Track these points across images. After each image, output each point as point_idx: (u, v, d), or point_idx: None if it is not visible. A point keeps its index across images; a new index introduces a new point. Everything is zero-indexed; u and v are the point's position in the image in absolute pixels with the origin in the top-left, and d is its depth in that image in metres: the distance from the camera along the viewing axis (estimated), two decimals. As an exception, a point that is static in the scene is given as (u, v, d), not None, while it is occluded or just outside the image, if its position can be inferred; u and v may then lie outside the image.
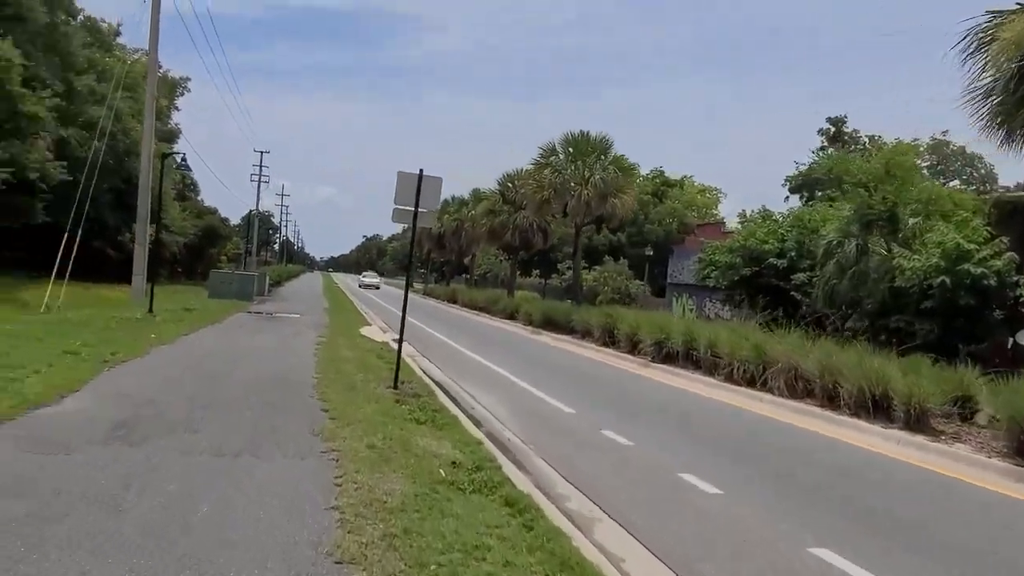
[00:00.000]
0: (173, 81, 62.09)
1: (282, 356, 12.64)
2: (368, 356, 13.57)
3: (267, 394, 8.77)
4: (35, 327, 13.50)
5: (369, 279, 73.21)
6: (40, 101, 28.51)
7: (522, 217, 34.15)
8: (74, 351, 10.66)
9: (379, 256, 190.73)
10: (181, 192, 58.66)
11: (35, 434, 6.08)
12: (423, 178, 10.06)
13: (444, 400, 9.84)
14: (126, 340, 12.73)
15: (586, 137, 25.82)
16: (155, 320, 17.44)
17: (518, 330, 26.24)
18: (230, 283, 29.59)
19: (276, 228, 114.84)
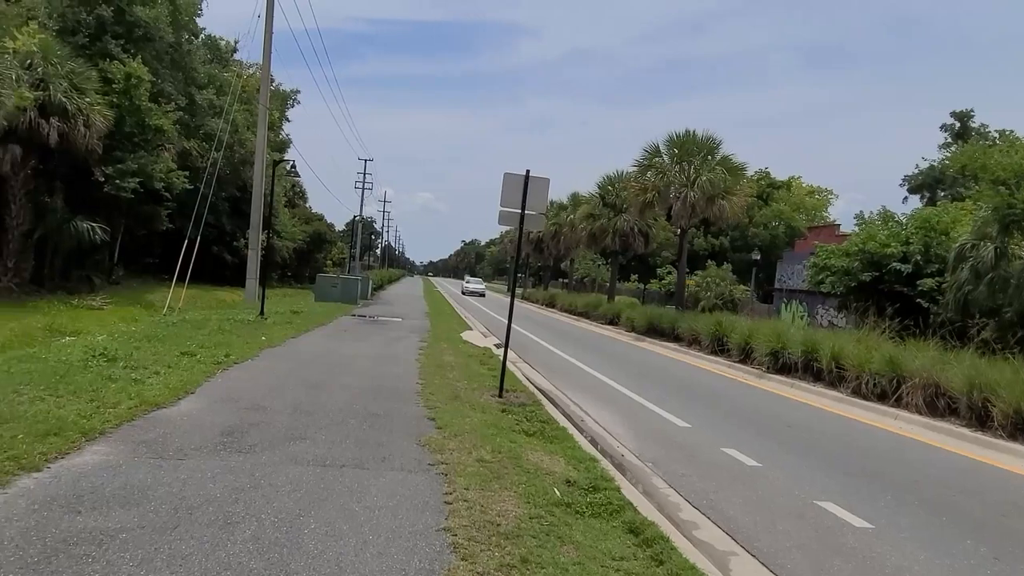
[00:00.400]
0: (284, 94, 65.03)
1: (385, 361, 12.58)
2: (471, 362, 13.34)
3: (371, 401, 8.61)
4: (159, 328, 14.08)
5: (474, 285, 66.24)
6: (165, 115, 30.29)
7: (623, 221, 33.33)
8: (191, 352, 10.95)
9: (477, 261, 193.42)
10: (291, 199, 61.32)
11: (151, 438, 6.08)
12: (530, 179, 9.68)
13: (551, 411, 9.40)
14: (238, 342, 13.05)
15: (692, 137, 24.79)
16: (266, 323, 17.95)
17: (620, 336, 25.50)
18: (335, 287, 30.40)
19: (378, 233, 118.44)
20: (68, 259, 29.45)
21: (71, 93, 24.67)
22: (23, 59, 23.69)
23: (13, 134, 23.41)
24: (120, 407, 6.95)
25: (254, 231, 27.80)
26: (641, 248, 34.48)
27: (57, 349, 10.30)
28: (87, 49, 29.15)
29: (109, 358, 9.56)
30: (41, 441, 5.49)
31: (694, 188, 23.56)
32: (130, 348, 10.76)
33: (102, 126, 25.78)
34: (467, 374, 11.61)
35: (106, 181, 27.90)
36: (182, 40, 36.89)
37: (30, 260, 26.37)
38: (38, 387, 7.38)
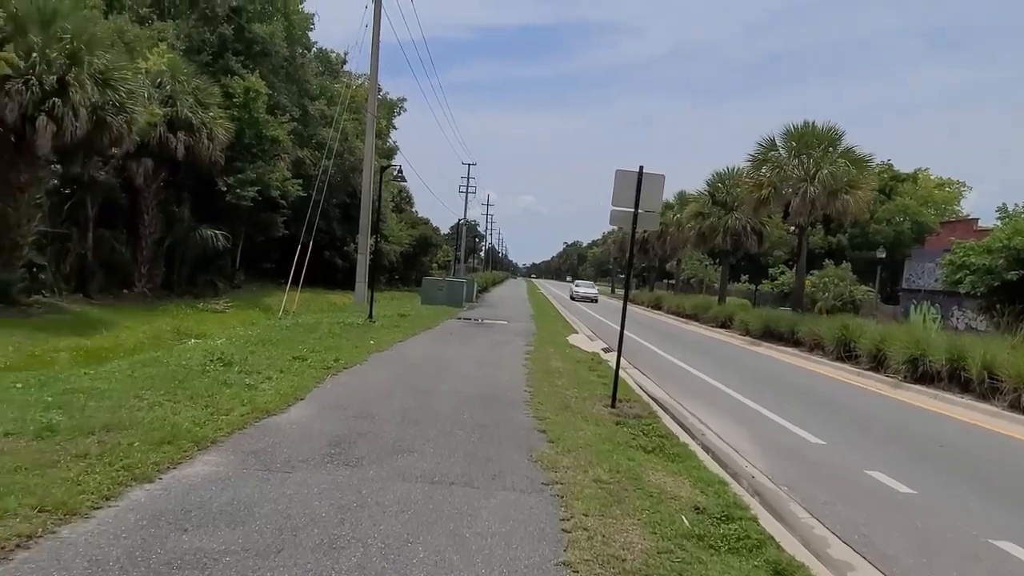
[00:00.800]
0: (391, 103, 66.89)
1: (492, 367, 12.29)
2: (580, 368, 12.84)
3: (479, 410, 8.28)
4: (273, 332, 14.43)
5: (584, 289, 57.01)
6: (280, 126, 31.60)
7: (734, 219, 31.82)
8: (302, 357, 11.06)
9: (580, 262, 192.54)
10: (398, 204, 62.97)
11: (260, 447, 5.97)
12: (643, 176, 9.08)
13: (669, 423, 8.76)
14: (348, 346, 13.14)
15: (811, 128, 23.22)
16: (374, 326, 18.15)
17: (733, 340, 24.24)
18: (441, 290, 30.68)
19: (482, 236, 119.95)
20: (195, 265, 31.24)
21: (196, 108, 26.08)
22: (154, 78, 25.27)
23: (145, 149, 24.98)
24: (233, 414, 6.94)
25: (363, 235, 28.45)
26: (754, 247, 32.82)
27: (179, 353, 10.63)
28: (210, 66, 30.85)
29: (225, 362, 9.74)
30: (155, 450, 5.46)
31: (814, 182, 22.03)
32: (245, 352, 10.97)
33: (224, 138, 27.12)
34: (576, 381, 11.12)
35: (227, 191, 29.38)
36: (296, 54, 38.47)
37: (161, 266, 28.10)
38: (158, 392, 7.52)
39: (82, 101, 18.84)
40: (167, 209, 28.46)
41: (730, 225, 31.76)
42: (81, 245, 24.02)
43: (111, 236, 25.83)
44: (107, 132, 19.91)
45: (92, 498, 4.42)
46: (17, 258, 19.83)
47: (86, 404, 6.65)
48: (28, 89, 17.99)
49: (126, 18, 27.63)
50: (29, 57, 18.27)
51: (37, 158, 19.96)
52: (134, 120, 20.76)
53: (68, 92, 18.66)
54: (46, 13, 19.06)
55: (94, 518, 4.19)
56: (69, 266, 23.40)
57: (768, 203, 23.73)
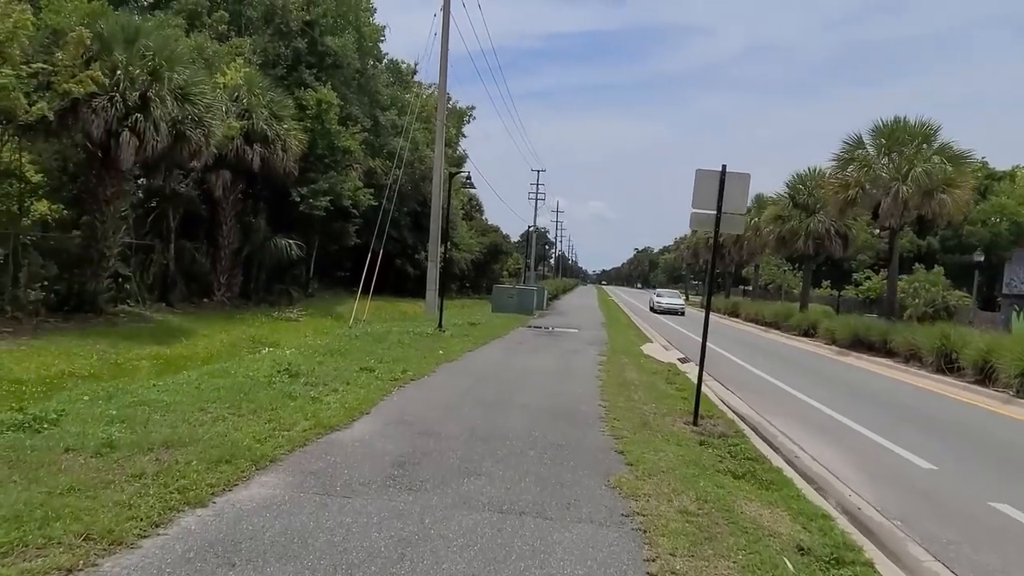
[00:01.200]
0: (460, 111, 67.34)
1: (564, 378, 11.77)
2: (656, 380, 12.17)
3: (551, 427, 7.78)
4: (342, 341, 14.34)
5: (668, 300, 46.83)
6: (352, 136, 32.01)
7: (816, 222, 30.28)
8: (369, 368, 10.83)
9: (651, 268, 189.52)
10: (468, 212, 63.25)
11: (320, 467, 5.65)
12: (726, 176, 8.42)
13: (758, 444, 8.04)
14: (416, 356, 12.87)
15: (902, 124, 21.76)
16: (443, 335, 17.91)
17: (818, 349, 22.92)
18: (511, 298, 30.35)
19: (551, 243, 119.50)
20: (271, 274, 31.96)
21: (271, 121, 26.63)
22: (231, 92, 25.96)
23: (223, 161, 25.65)
24: (295, 429, 6.68)
25: (433, 243, 28.40)
26: (839, 251, 31.15)
27: (247, 364, 10.56)
28: (285, 79, 31.55)
29: (292, 374, 9.58)
30: (213, 469, 5.21)
31: (907, 181, 20.59)
32: (313, 363, 10.83)
33: (297, 150, 27.61)
34: (653, 395, 10.48)
35: (301, 201, 29.91)
36: (367, 65, 39.05)
37: (239, 276, 28.82)
38: (223, 405, 7.35)
39: (163, 116, 19.39)
40: (244, 220, 29.19)
41: (812, 228, 30.24)
42: (163, 256, 24.82)
43: (192, 247, 26.65)
44: (186, 145, 20.45)
45: (141, 525, 4.15)
46: (104, 268, 20.55)
47: (149, 418, 6.51)
48: (112, 105, 18.61)
49: (206, 36, 28.56)
50: (114, 75, 18.93)
51: (122, 172, 20.67)
52: (212, 133, 21.27)
53: (149, 107, 19.24)
54: (130, 32, 19.73)
55: (140, 548, 3.91)
56: (152, 276, 24.19)
57: (855, 204, 22.35)
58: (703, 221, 8.65)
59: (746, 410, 10.66)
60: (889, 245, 23.64)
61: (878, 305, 50.67)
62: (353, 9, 36.21)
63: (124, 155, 19.11)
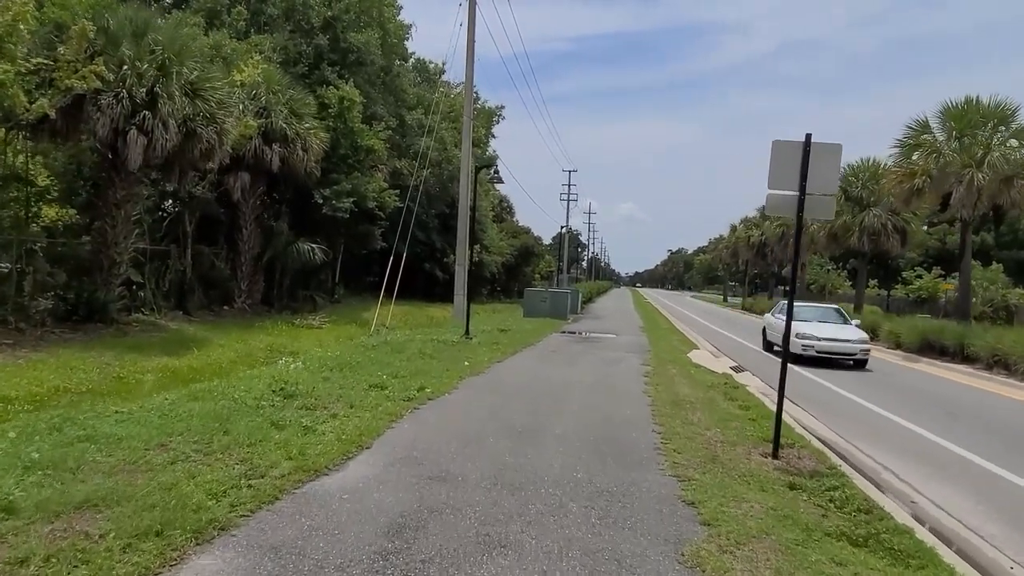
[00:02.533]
0: (489, 111, 65.95)
1: (607, 395, 10.16)
2: (714, 396, 10.49)
3: (597, 466, 6.19)
4: (356, 352, 12.91)
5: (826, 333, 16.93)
6: (376, 135, 30.76)
7: (872, 216, 28.12)
8: (381, 384, 9.35)
9: (686, 270, 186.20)
10: (499, 214, 61.81)
11: (287, 539, 4.15)
12: (811, 148, 6.75)
13: (861, 484, 6.32)
14: (437, 369, 11.38)
15: (974, 105, 19.68)
16: (470, 344, 16.43)
17: (882, 355, 20.86)
18: (544, 301, 28.74)
19: (583, 245, 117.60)
20: (294, 280, 30.82)
21: (290, 119, 25.47)
22: (249, 90, 24.86)
23: (241, 162, 24.55)
24: (269, 475, 5.20)
25: (461, 245, 26.99)
26: (896, 248, 28.94)
27: (241, 381, 9.16)
28: (306, 78, 30.45)
29: (288, 394, 8.15)
30: (134, 548, 3.74)
31: (982, 168, 18.52)
32: (317, 379, 9.40)
33: (318, 149, 26.41)
34: (715, 416, 8.82)
35: (324, 203, 28.74)
36: (392, 63, 37.87)
37: (260, 282, 27.72)
38: (189, 439, 5.92)
39: (171, 113, 18.27)
40: (265, 223, 28.10)
41: (867, 223, 28.07)
42: (180, 262, 23.77)
43: (210, 252, 25.59)
44: (197, 144, 19.29)
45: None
46: (115, 276, 19.51)
47: (84, 461, 5.09)
48: (119, 103, 17.54)
49: (225, 34, 27.58)
50: (120, 70, 17.87)
51: (132, 174, 19.63)
52: (225, 131, 20.11)
53: (157, 104, 18.15)
54: (138, 25, 18.66)
55: None
56: (168, 283, 23.14)
57: (922, 194, 20.30)
58: (782, 205, 6.99)
59: (827, 433, 8.92)
60: (961, 239, 21.50)
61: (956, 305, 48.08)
62: (376, 5, 35.02)
63: (132, 155, 18.00)
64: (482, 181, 57.85)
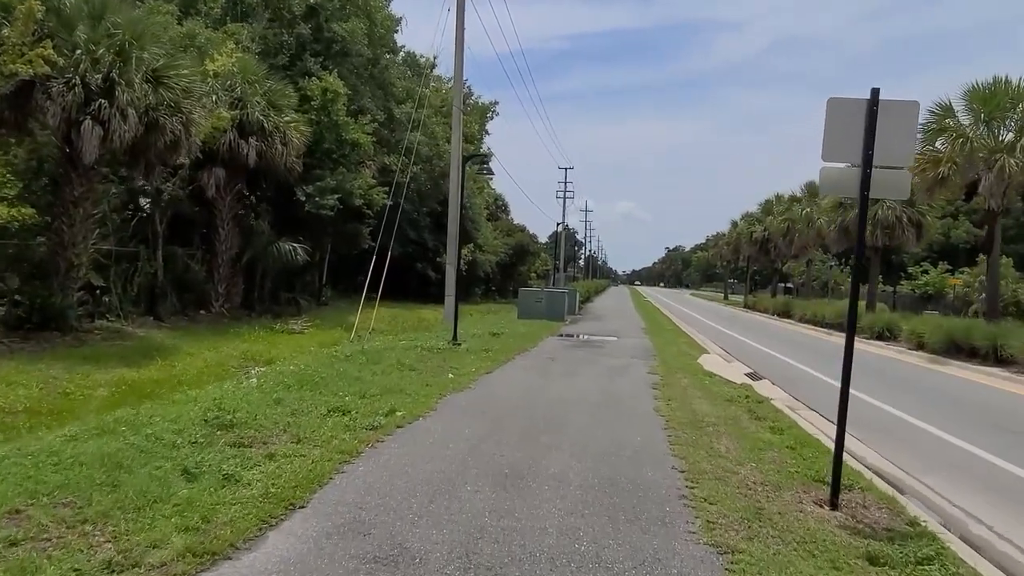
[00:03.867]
0: (483, 107, 64.33)
1: (613, 415, 8.61)
2: (736, 413, 8.95)
3: (606, 531, 4.64)
4: (324, 364, 11.34)
5: None
6: (362, 128, 29.19)
7: (886, 208, 26.60)
8: (343, 408, 7.80)
9: (684, 267, 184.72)
10: (493, 212, 60.17)
11: None
12: (880, 107, 5.21)
13: (967, 555, 4.76)
14: (415, 385, 9.83)
15: (1003, 86, 18.18)
16: (458, 350, 14.89)
17: (905, 357, 19.35)
18: (539, 302, 27.16)
19: (580, 243, 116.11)
20: (277, 282, 29.24)
21: (268, 111, 23.90)
22: (223, 80, 23.29)
23: (215, 157, 22.99)
24: (146, 562, 3.65)
25: (451, 242, 25.41)
26: (912, 242, 27.43)
27: (171, 408, 7.59)
28: (288, 69, 28.88)
29: (223, 424, 6.61)
30: None
31: (1016, 152, 17.02)
32: (267, 402, 7.84)
33: (299, 143, 24.84)
34: (745, 442, 7.28)
35: (307, 200, 27.18)
36: (380, 55, 36.28)
37: (240, 284, 26.14)
38: (59, 499, 4.39)
39: (131, 101, 16.71)
40: (244, 223, 26.52)
41: (881, 216, 26.55)
42: (150, 264, 22.17)
43: (184, 253, 24.00)
44: (161, 136, 17.73)
45: None
46: (73, 280, 17.94)
47: None
48: (71, 90, 16.00)
49: (200, 22, 26.00)
50: (74, 54, 16.31)
51: (93, 169, 18.08)
52: (192, 121, 18.54)
53: (115, 92, 16.59)
54: (95, 7, 17.10)
55: None
56: (137, 287, 21.53)
57: (947, 183, 18.78)
58: (841, 182, 5.45)
59: (884, 465, 7.37)
60: (989, 231, 19.98)
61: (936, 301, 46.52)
62: (362, -8, 33.44)
63: (87, 147, 16.43)
64: (476, 178, 56.27)
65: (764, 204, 46.21)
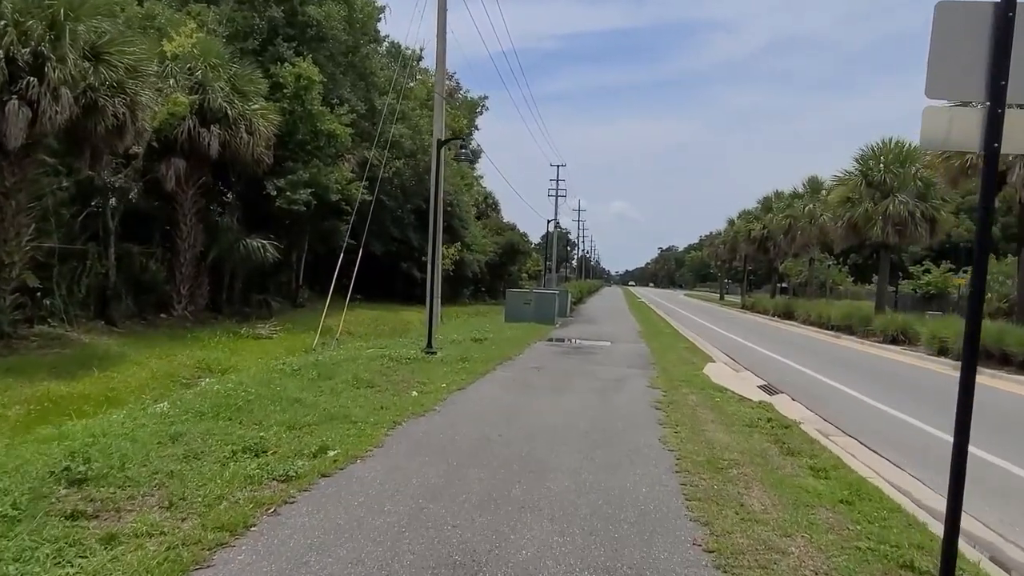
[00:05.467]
0: (472, 102, 62.43)
1: (608, 454, 6.80)
2: (763, 445, 7.15)
3: None
4: (263, 380, 9.46)
5: None
6: (338, 118, 27.33)
7: (897, 203, 24.90)
8: (258, 447, 5.97)
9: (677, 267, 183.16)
10: (484, 211, 58.23)
11: None
12: (1016, 13, 3.41)
13: None
14: (366, 409, 7.99)
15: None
16: (431, 360, 13.06)
17: (926, 364, 17.61)
18: (528, 303, 25.31)
19: (573, 244, 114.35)
20: (248, 282, 27.34)
21: (232, 97, 22.02)
22: (183, 63, 21.39)
23: (174, 146, 21.11)
24: None
25: (432, 239, 23.55)
26: (924, 238, 25.71)
27: (22, 449, 5.72)
28: (259, 54, 26.99)
29: (73, 479, 4.77)
30: None
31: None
32: (160, 438, 5.99)
33: (267, 132, 22.98)
34: (783, 492, 5.48)
35: (278, 195, 25.30)
36: (360, 43, 34.34)
37: (205, 285, 24.24)
38: None
39: (64, 79, 14.85)
40: (210, 219, 24.63)
41: (892, 211, 24.84)
42: (100, 263, 20.24)
43: (140, 251, 22.07)
44: (101, 118, 15.88)
45: None
46: (5, 281, 16.07)
47: None
48: (-8, 66, 14.14)
49: (162, 3, 24.09)
50: (-4, 27, 14.44)
51: (25, 157, 16.20)
52: (139, 104, 16.68)
53: (45, 69, 14.71)
54: (26, -26, 15.23)
55: None
56: (86, 289, 19.60)
57: (975, 171, 17.02)
58: (952, 129, 3.64)
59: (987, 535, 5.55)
60: (1020, 224, 18.26)
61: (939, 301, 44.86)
62: (340, -25, 31.48)
63: (12, 130, 14.60)
64: (464, 174, 54.39)
65: (763, 201, 44.54)
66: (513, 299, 26.02)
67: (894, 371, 16.16)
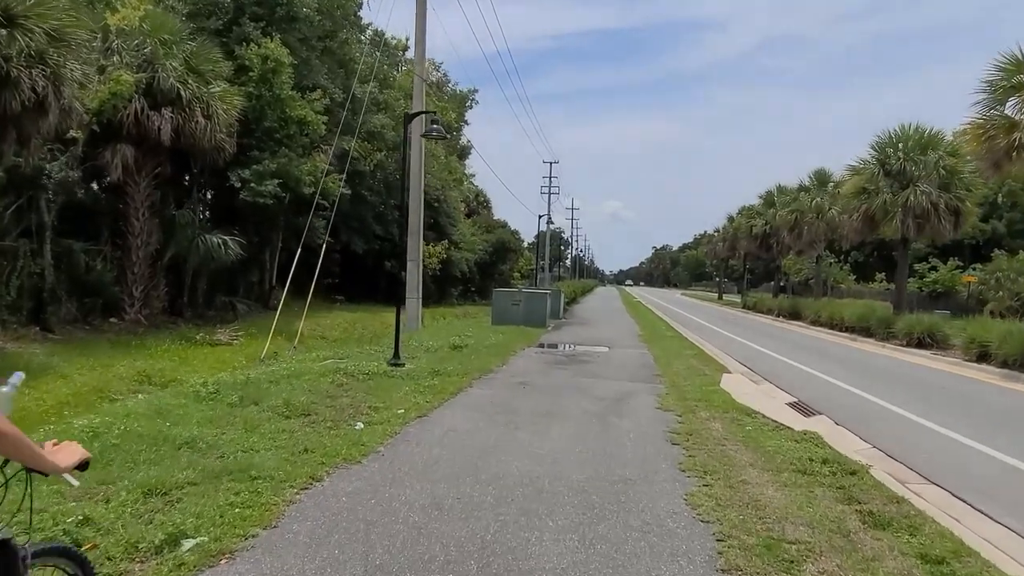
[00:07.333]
0: (462, 95, 60.24)
1: (613, 528, 4.65)
2: (836, 509, 5.00)
3: None
4: (155, 410, 7.27)
5: None
6: (309, 103, 25.12)
7: (918, 193, 22.84)
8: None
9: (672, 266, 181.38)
10: (474, 208, 56.01)
11: None
12: None
13: None
14: (281, 455, 5.81)
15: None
16: (397, 373, 10.90)
17: (968, 372, 15.50)
18: (517, 304, 23.13)
19: (566, 243, 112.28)
20: (213, 283, 25.10)
21: (187, 77, 19.80)
22: (129, 40, 19.16)
23: (120, 131, 18.89)
24: None
25: (412, 238, 21.50)
26: (948, 232, 23.67)
27: None
28: (223, 35, 24.76)
29: None
30: None
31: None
32: None
33: (227, 117, 20.75)
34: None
35: (242, 186, 23.08)
36: (340, 27, 32.12)
37: (162, 287, 22.00)
38: None
39: (-37, 45, 12.63)
40: (166, 213, 22.38)
41: (913, 202, 22.77)
42: (35, 262, 18.00)
43: (85, 249, 19.80)
44: (16, 93, 13.65)
45: None
46: (-91, 282, 13.82)
47: None
48: None
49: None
50: None
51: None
52: (63, 77, 14.46)
53: (-59, 32, 12.51)
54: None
55: None
56: (16, 290, 17.36)
57: (1021, 153, 14.95)
58: None
59: None
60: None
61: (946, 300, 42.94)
62: (312, -48, 29.27)
63: (-98, 105, 12.35)
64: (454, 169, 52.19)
65: (765, 195, 42.46)
66: (500, 299, 23.85)
67: (939, 382, 14.03)
